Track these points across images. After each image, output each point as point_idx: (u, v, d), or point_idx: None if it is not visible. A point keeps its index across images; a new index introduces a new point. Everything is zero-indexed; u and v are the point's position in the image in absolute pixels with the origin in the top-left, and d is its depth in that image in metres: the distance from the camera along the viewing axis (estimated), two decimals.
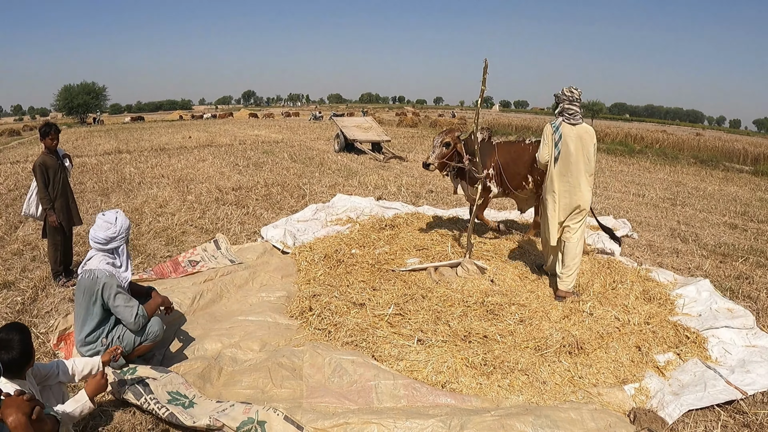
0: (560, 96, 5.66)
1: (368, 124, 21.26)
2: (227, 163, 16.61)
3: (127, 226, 4.20)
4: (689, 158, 22.33)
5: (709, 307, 5.52)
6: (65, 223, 6.37)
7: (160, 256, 7.20)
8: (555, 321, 5.12)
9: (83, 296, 4.05)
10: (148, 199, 11.04)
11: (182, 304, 5.35)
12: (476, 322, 4.97)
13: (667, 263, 7.35)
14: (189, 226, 8.83)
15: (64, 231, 6.38)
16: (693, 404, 3.91)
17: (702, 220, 10.35)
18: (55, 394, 3.31)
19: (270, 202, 10.80)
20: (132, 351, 4.17)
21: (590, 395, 4.03)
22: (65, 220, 6.37)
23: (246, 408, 3.58)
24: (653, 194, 12.99)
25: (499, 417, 3.54)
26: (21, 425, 2.32)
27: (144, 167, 15.86)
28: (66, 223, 6.39)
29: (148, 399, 3.68)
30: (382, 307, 5.24)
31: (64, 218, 6.33)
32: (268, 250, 7.31)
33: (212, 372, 4.26)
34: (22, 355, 2.81)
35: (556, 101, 5.75)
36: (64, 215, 6.33)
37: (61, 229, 6.32)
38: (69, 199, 6.48)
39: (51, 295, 5.88)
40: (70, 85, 69.39)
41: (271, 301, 5.66)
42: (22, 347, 2.82)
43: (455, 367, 4.26)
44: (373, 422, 3.46)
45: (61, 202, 6.30)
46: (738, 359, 4.56)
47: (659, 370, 4.44)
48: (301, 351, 4.40)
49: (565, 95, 5.62)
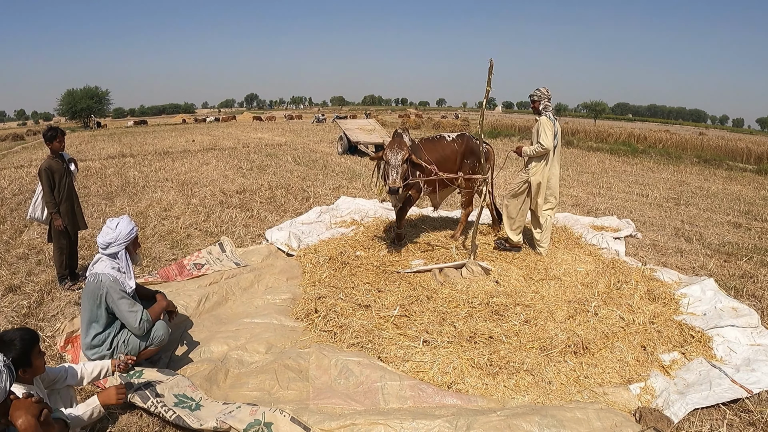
0: (541, 95, 6.62)
1: (371, 126, 21.23)
2: (231, 167, 16.62)
3: (127, 233, 4.17)
4: (692, 158, 22.24)
5: (714, 306, 5.52)
6: (70, 227, 6.35)
7: (165, 260, 7.21)
8: (560, 321, 5.12)
9: (88, 300, 4.07)
10: (152, 202, 11.06)
11: (188, 307, 5.37)
12: (481, 322, 4.99)
13: (672, 263, 7.34)
14: (194, 229, 8.85)
15: (69, 235, 6.35)
16: (698, 403, 3.91)
17: (706, 219, 10.33)
18: (63, 397, 3.33)
19: (274, 205, 10.82)
20: (137, 355, 4.18)
21: (596, 395, 4.04)
22: (70, 224, 6.35)
23: (252, 409, 3.60)
24: (657, 194, 12.98)
25: (505, 417, 3.55)
26: (31, 427, 2.34)
27: (148, 171, 15.89)
28: (71, 227, 6.37)
29: (155, 402, 3.69)
30: (388, 308, 5.26)
31: (69, 222, 6.31)
32: (272, 253, 7.32)
33: (219, 374, 4.27)
34: (20, 356, 2.81)
35: (537, 99, 6.63)
36: (69, 219, 6.31)
37: (66, 233, 6.29)
38: (74, 203, 6.46)
39: (57, 299, 5.90)
40: (73, 89, 69.57)
41: (276, 303, 5.68)
42: (22, 347, 2.81)
43: (461, 367, 4.27)
44: (380, 423, 3.47)
45: (67, 206, 6.28)
46: (743, 358, 4.56)
47: (664, 369, 4.45)
48: (307, 353, 4.41)
49: (545, 94, 6.62)
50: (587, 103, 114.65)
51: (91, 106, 68.04)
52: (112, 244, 4.10)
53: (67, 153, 6.51)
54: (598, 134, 31.40)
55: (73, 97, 68.02)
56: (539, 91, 6.60)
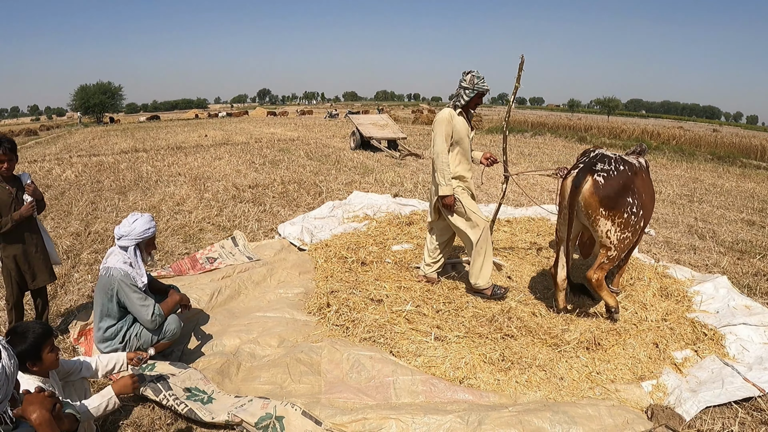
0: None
1: (384, 122, 21.22)
2: (243, 161, 16.67)
3: (142, 230, 4.15)
4: (706, 155, 22.05)
5: (727, 304, 5.49)
6: (19, 278, 4.61)
7: (178, 253, 7.26)
8: (572, 317, 5.11)
9: (100, 293, 4.11)
10: (165, 197, 11.13)
11: (200, 301, 5.40)
12: (494, 318, 4.99)
13: (685, 260, 7.30)
14: (206, 223, 8.90)
15: (20, 286, 4.65)
16: (710, 401, 3.89)
17: (719, 216, 10.25)
18: (77, 389, 3.35)
19: (287, 200, 10.85)
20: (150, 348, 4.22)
21: (608, 391, 4.03)
22: (19, 276, 4.60)
23: (264, 403, 3.62)
24: (670, 191, 12.89)
25: (517, 413, 3.55)
26: (45, 421, 2.34)
27: (161, 165, 15.97)
28: (26, 277, 4.66)
29: (167, 395, 3.72)
30: (400, 303, 5.27)
31: (15, 273, 4.56)
32: (285, 247, 7.34)
33: (231, 367, 4.30)
34: (30, 348, 2.81)
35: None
36: (15, 268, 4.56)
37: (16, 282, 4.62)
38: (31, 246, 4.62)
39: (70, 292, 5.94)
40: (87, 84, 70.03)
41: (288, 297, 5.70)
42: (33, 340, 2.82)
43: (473, 363, 4.27)
44: (391, 418, 3.48)
45: (16, 251, 4.54)
46: (756, 356, 4.53)
47: (676, 367, 4.42)
48: (319, 347, 4.42)
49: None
50: (600, 100, 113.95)
51: (104, 101, 68.46)
52: (125, 237, 4.12)
53: (26, 174, 4.67)
54: (612, 130, 31.17)
55: (86, 93, 68.49)
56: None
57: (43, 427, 2.34)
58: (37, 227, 4.71)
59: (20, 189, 4.49)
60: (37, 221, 4.71)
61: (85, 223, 8.93)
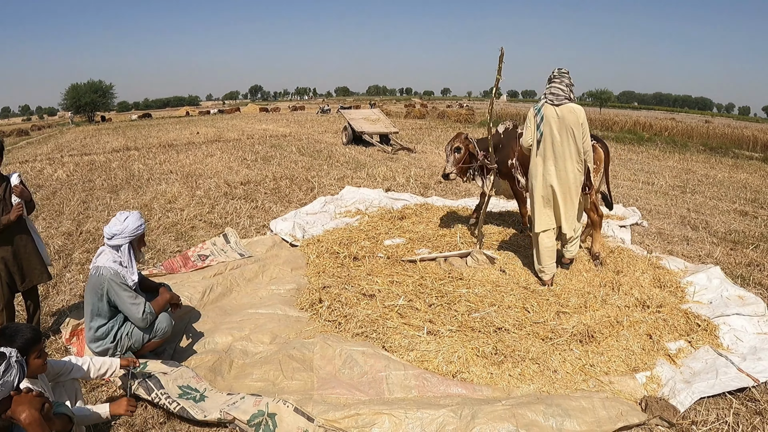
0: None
1: (376, 116, 21.17)
2: (235, 158, 16.62)
3: (134, 228, 4.13)
4: (698, 146, 22.12)
5: (720, 295, 5.49)
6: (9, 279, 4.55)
7: (170, 251, 7.22)
8: (565, 309, 5.10)
9: (91, 293, 4.07)
10: (157, 194, 11.08)
11: (192, 298, 5.37)
12: (486, 311, 4.97)
13: (678, 251, 7.31)
14: (198, 220, 8.86)
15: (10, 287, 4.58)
16: (705, 392, 3.89)
17: (712, 207, 10.27)
18: (68, 390, 3.32)
19: (279, 196, 10.82)
20: (141, 347, 4.19)
21: (601, 384, 4.02)
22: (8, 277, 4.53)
23: (256, 400, 3.60)
24: (663, 182, 12.90)
25: (511, 406, 3.54)
26: (35, 421, 2.33)
27: (152, 163, 15.91)
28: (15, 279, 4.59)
29: (159, 394, 3.70)
30: (392, 298, 5.25)
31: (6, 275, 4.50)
32: (277, 243, 7.33)
33: (223, 365, 4.28)
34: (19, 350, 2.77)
35: None
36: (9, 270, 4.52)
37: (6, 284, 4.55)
38: (21, 248, 4.58)
39: (62, 293, 5.91)
40: (78, 83, 69.49)
41: (281, 293, 5.68)
42: (22, 344, 2.78)
43: (466, 356, 4.26)
44: (384, 413, 3.46)
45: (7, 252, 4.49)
46: (749, 346, 4.54)
47: (670, 358, 4.42)
48: (312, 343, 4.40)
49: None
50: (592, 92, 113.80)
51: (96, 100, 67.93)
52: (117, 235, 4.08)
53: (16, 173, 4.60)
54: (604, 122, 31.25)
55: (77, 92, 67.90)
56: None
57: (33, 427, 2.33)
58: (27, 228, 4.66)
59: (8, 188, 4.44)
60: (27, 222, 4.67)
61: (77, 222, 8.88)
